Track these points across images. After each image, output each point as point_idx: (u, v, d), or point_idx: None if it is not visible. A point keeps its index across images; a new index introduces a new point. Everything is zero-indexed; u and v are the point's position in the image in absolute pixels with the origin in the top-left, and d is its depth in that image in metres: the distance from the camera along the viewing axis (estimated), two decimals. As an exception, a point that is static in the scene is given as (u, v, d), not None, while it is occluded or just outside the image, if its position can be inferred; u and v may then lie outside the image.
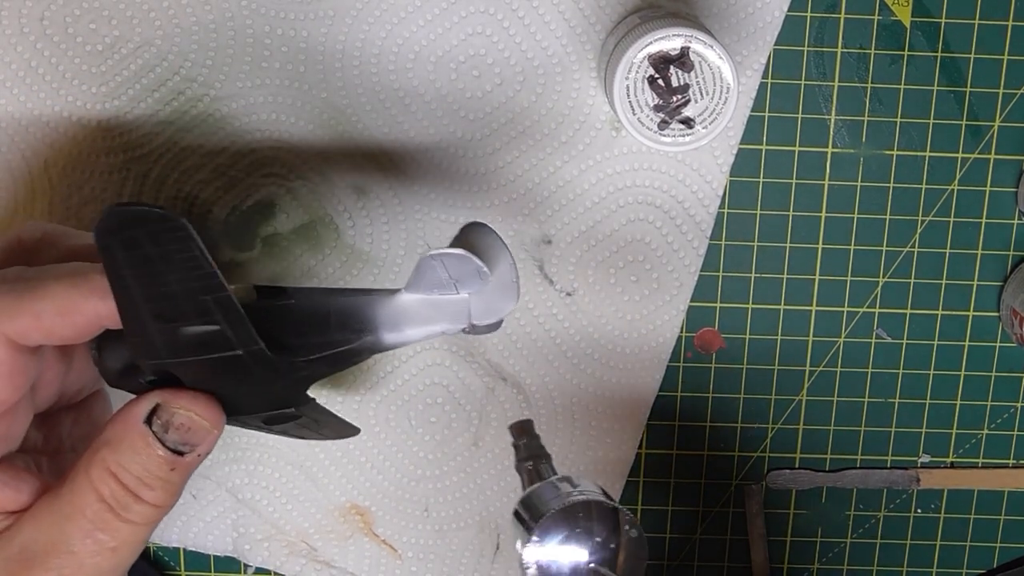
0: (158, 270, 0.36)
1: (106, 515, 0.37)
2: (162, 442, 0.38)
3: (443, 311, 0.40)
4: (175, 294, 0.37)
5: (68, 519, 0.37)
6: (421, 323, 0.40)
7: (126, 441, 0.37)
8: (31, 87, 0.48)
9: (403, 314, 0.40)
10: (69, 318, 0.36)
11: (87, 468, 0.37)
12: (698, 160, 0.50)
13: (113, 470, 0.37)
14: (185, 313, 0.37)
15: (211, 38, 0.48)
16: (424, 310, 0.40)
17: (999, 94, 0.50)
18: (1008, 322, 0.52)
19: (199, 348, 0.38)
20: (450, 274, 0.39)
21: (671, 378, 0.53)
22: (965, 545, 0.56)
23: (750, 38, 0.49)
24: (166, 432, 0.38)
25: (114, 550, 0.37)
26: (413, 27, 0.48)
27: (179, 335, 0.37)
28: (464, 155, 0.50)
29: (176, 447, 0.38)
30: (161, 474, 0.38)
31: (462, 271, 0.39)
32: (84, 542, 0.37)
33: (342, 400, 0.52)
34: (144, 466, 0.37)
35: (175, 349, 0.38)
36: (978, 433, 0.54)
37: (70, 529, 0.37)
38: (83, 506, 0.37)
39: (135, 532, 0.38)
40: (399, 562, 0.54)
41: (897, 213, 0.51)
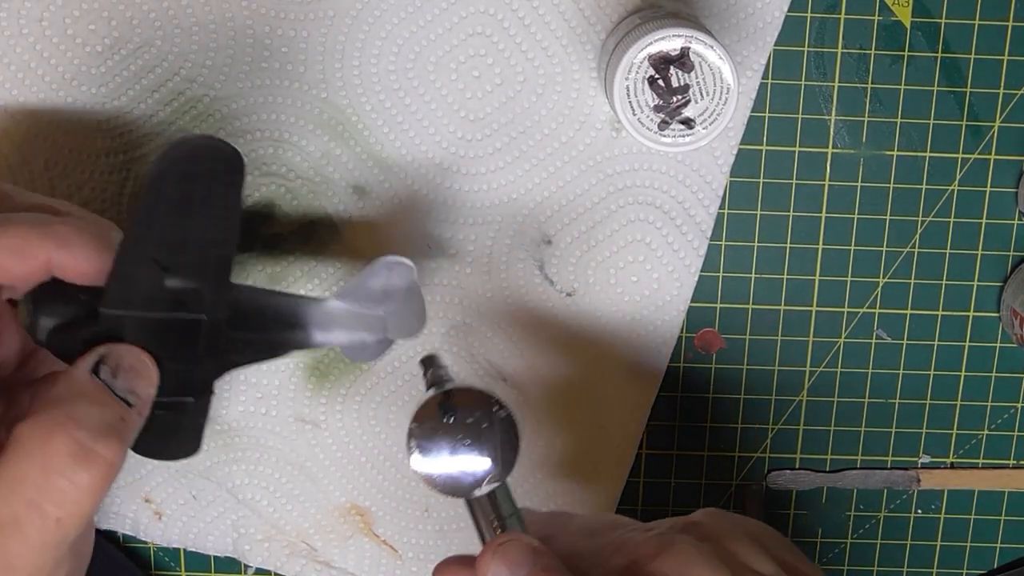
0: (190, 212, 0.38)
1: (52, 482, 0.35)
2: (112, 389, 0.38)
3: (364, 323, 0.45)
4: (187, 241, 0.38)
5: (11, 490, 0.35)
6: (346, 328, 0.45)
7: (77, 393, 0.37)
8: (30, 88, 0.48)
9: (332, 318, 0.44)
10: (23, 258, 0.37)
11: (31, 432, 0.36)
12: (698, 160, 0.50)
13: (64, 424, 0.36)
14: (183, 264, 0.39)
15: (211, 39, 0.48)
16: (349, 318, 0.45)
17: (999, 94, 0.50)
18: (1008, 322, 0.52)
19: (169, 304, 0.39)
20: (387, 282, 0.45)
21: (671, 378, 0.53)
22: (965, 545, 0.56)
23: (750, 38, 0.49)
24: (115, 379, 0.38)
25: (59, 521, 0.35)
26: (413, 27, 0.48)
27: (162, 286, 0.39)
28: (464, 155, 0.50)
29: (124, 395, 0.38)
30: (114, 423, 0.37)
31: (397, 282, 0.45)
32: (28, 513, 0.35)
33: (343, 400, 0.52)
34: (99, 415, 0.37)
35: (147, 301, 0.39)
36: (978, 433, 0.54)
37: (14, 499, 0.35)
38: (27, 474, 0.35)
39: (81, 499, 0.36)
40: (399, 562, 0.54)
41: (897, 213, 0.51)
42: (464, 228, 0.50)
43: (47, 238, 0.37)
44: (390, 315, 0.46)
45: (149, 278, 0.39)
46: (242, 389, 0.52)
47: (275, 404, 0.52)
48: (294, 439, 0.52)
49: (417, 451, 0.39)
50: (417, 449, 0.39)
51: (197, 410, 0.43)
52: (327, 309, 0.45)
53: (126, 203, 0.49)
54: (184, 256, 0.39)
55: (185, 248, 0.39)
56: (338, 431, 0.52)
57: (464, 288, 0.51)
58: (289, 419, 0.52)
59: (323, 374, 0.52)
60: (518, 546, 0.37)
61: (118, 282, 0.38)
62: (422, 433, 0.39)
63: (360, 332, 0.45)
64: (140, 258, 0.38)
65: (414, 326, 0.47)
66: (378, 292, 0.45)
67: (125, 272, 0.38)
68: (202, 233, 0.39)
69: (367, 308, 0.45)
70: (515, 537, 0.38)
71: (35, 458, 0.35)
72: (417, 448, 0.39)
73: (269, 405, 0.52)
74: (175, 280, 0.39)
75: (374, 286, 0.45)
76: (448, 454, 0.39)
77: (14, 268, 0.37)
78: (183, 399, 0.42)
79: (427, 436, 0.39)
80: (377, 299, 0.45)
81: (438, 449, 0.39)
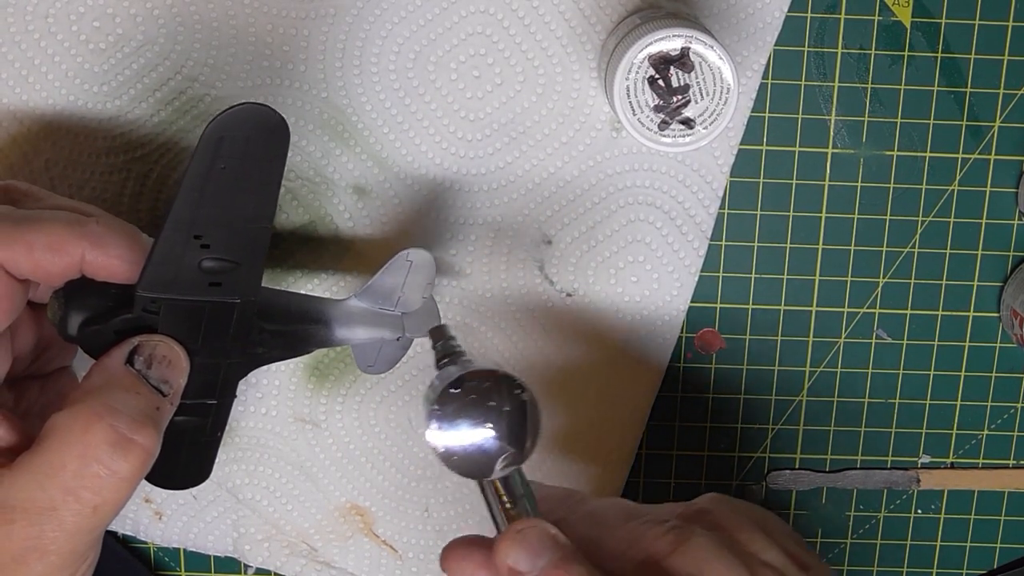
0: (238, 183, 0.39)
1: (90, 470, 0.36)
2: (147, 379, 0.39)
3: (383, 321, 0.47)
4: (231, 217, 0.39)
5: (49, 476, 0.36)
6: (366, 326, 0.46)
7: (113, 383, 0.38)
8: (34, 85, 0.48)
9: (352, 316, 0.46)
10: (58, 255, 0.38)
11: (70, 421, 0.37)
12: (698, 161, 0.50)
13: (102, 413, 0.37)
14: (224, 240, 0.40)
15: (213, 36, 0.48)
16: (368, 316, 0.46)
17: (999, 94, 0.50)
18: (1008, 322, 0.52)
19: (204, 287, 0.40)
20: (407, 277, 0.46)
21: (671, 378, 0.53)
22: (965, 545, 0.56)
23: (750, 39, 0.49)
24: (149, 368, 0.39)
25: (96, 508, 0.37)
26: (413, 27, 0.48)
27: (199, 267, 0.40)
28: (464, 155, 0.50)
29: (158, 384, 0.39)
30: (150, 412, 0.38)
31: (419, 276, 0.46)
32: (66, 499, 0.36)
33: (343, 400, 0.52)
34: (137, 404, 0.38)
35: (183, 283, 0.40)
36: (978, 434, 0.54)
37: (51, 487, 0.36)
38: (65, 462, 0.36)
39: (118, 487, 0.37)
40: (399, 562, 0.54)
41: (897, 213, 0.51)
42: (464, 228, 0.51)
43: (83, 237, 0.38)
44: (407, 316, 0.47)
45: (188, 256, 0.39)
46: (242, 389, 0.52)
47: (275, 404, 0.52)
48: (294, 439, 0.52)
49: (436, 429, 0.38)
50: (437, 428, 0.38)
51: (217, 418, 0.43)
52: (348, 307, 0.46)
53: (126, 203, 0.49)
54: (226, 232, 0.39)
55: (227, 222, 0.39)
56: (338, 431, 0.52)
57: (464, 288, 0.51)
58: (289, 419, 0.52)
59: (323, 374, 0.52)
60: (537, 533, 0.37)
61: (156, 263, 0.39)
62: (443, 412, 0.38)
63: (379, 330, 0.46)
64: (182, 234, 0.39)
65: (430, 322, 0.47)
66: (397, 290, 0.46)
67: (165, 251, 0.39)
68: (245, 208, 0.39)
69: (386, 307, 0.46)
70: (534, 524, 0.37)
71: (74, 447, 0.36)
72: (437, 427, 0.38)
73: (269, 405, 0.52)
74: (212, 260, 0.40)
75: (394, 283, 0.46)
76: (467, 434, 0.38)
77: (50, 265, 0.38)
78: (206, 401, 0.43)
79: (448, 415, 0.38)
80: (395, 298, 0.46)
81: (457, 429, 0.38)
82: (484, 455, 0.38)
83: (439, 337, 0.42)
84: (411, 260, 0.46)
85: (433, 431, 0.38)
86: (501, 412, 0.38)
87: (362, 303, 0.46)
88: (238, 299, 0.41)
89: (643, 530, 0.38)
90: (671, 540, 0.37)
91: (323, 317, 0.45)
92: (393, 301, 0.47)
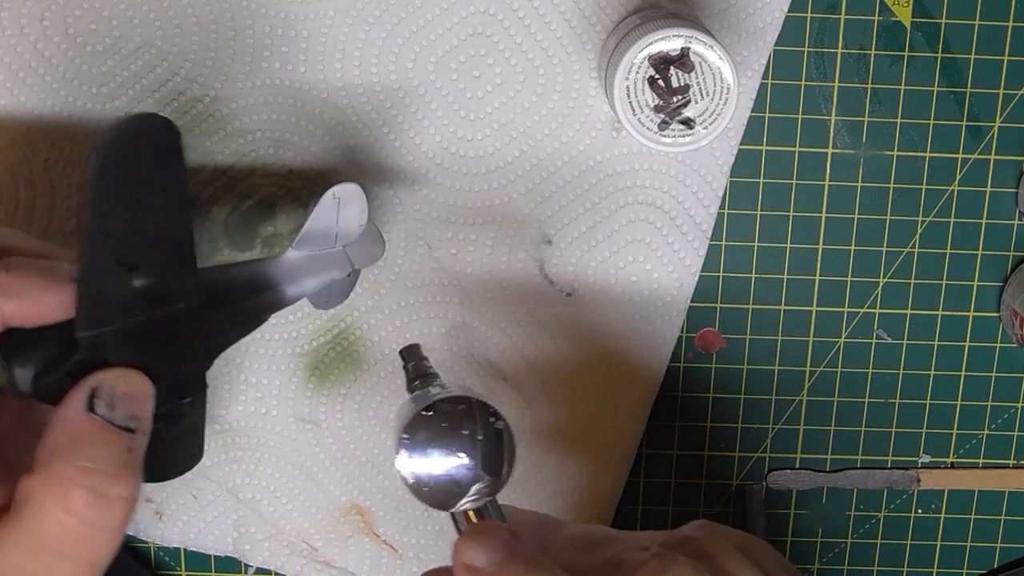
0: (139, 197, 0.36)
1: (78, 531, 0.35)
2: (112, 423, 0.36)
3: (328, 262, 0.45)
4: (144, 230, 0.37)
5: (38, 546, 0.35)
6: (314, 274, 0.45)
7: (79, 438, 0.36)
8: (31, 88, 0.48)
9: (297, 269, 0.44)
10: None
11: (44, 488, 0.35)
12: (698, 161, 0.50)
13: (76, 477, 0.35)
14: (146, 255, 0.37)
15: (211, 38, 0.48)
16: (312, 263, 0.45)
17: (999, 94, 0.50)
18: (1008, 322, 0.52)
19: (143, 305, 0.38)
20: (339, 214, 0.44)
21: (671, 378, 0.53)
22: (965, 545, 0.56)
23: (750, 39, 0.49)
24: (112, 410, 0.37)
25: (91, 563, 0.36)
26: (413, 27, 0.48)
27: (131, 288, 0.37)
28: (464, 155, 0.50)
29: (125, 424, 0.37)
30: (123, 458, 0.36)
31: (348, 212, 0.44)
32: (61, 563, 0.35)
33: (343, 400, 0.52)
34: (107, 456, 0.36)
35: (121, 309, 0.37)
36: (978, 433, 0.54)
37: (42, 554, 0.35)
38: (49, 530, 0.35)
39: (108, 541, 0.36)
40: (399, 562, 0.54)
41: (897, 213, 0.51)
42: (464, 228, 0.50)
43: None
44: (350, 248, 0.46)
45: (117, 284, 0.37)
46: (242, 389, 0.52)
47: (275, 404, 0.52)
48: (294, 439, 0.53)
49: (407, 459, 0.37)
50: (407, 456, 0.37)
51: (195, 410, 0.42)
52: (290, 262, 0.44)
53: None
54: (145, 247, 0.37)
55: (144, 238, 0.37)
56: (338, 431, 0.52)
57: (464, 288, 0.51)
58: (289, 419, 0.52)
59: (323, 374, 0.52)
60: (495, 531, 0.36)
61: (87, 301, 0.37)
62: (412, 440, 0.37)
63: (327, 273, 0.45)
64: (104, 265, 0.37)
65: (376, 251, 0.47)
66: (332, 227, 0.44)
67: (91, 288, 0.37)
68: (157, 217, 0.37)
69: (325, 247, 0.45)
70: (492, 524, 0.37)
71: (55, 515, 0.35)
72: (407, 456, 0.37)
73: (269, 405, 0.52)
74: (142, 277, 0.38)
75: (327, 223, 0.44)
76: (439, 463, 0.37)
77: None
78: (181, 402, 0.41)
79: (419, 444, 0.37)
80: (332, 236, 0.45)
81: (429, 459, 0.37)
82: (456, 485, 0.37)
83: (411, 358, 0.40)
84: (338, 197, 0.44)
85: (403, 459, 0.37)
86: (475, 440, 0.37)
87: (301, 251, 0.44)
88: (181, 304, 0.39)
89: (624, 556, 0.37)
90: (653, 568, 0.36)
91: (269, 282, 0.43)
92: (331, 239, 0.45)
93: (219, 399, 0.52)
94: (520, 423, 0.52)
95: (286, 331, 0.51)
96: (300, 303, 0.51)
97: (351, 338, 0.52)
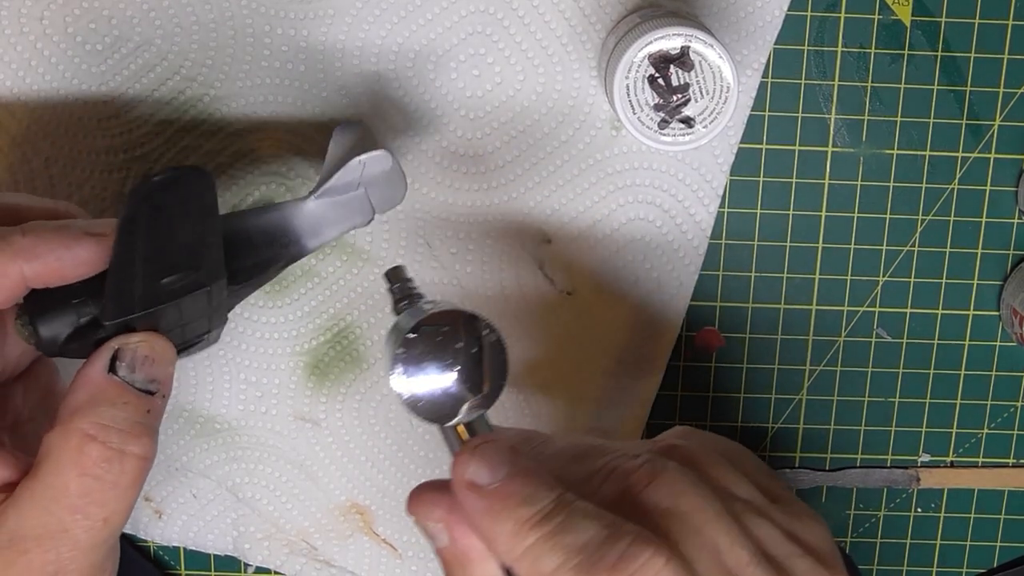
0: (172, 227, 0.37)
1: (93, 486, 0.36)
2: (132, 385, 0.38)
3: (350, 209, 0.44)
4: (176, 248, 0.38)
5: (54, 500, 0.36)
6: (334, 223, 0.44)
7: (99, 397, 0.37)
8: (31, 86, 0.48)
9: (318, 219, 0.44)
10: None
11: (63, 443, 0.36)
12: (698, 159, 0.50)
13: (93, 433, 0.36)
14: (176, 264, 0.38)
15: (211, 37, 0.48)
16: (333, 211, 0.44)
17: (999, 93, 0.50)
18: (1008, 321, 0.52)
19: (171, 294, 0.39)
20: (365, 170, 0.43)
21: (671, 378, 0.53)
22: (965, 544, 0.56)
23: (750, 37, 0.49)
24: (133, 373, 0.38)
25: (106, 520, 0.37)
26: (413, 26, 0.48)
27: (159, 286, 0.38)
28: (464, 154, 0.50)
29: (145, 387, 0.38)
30: (141, 419, 0.37)
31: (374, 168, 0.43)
32: (75, 518, 0.36)
33: (343, 399, 0.52)
34: (125, 416, 0.37)
35: (149, 298, 0.38)
36: (978, 432, 0.54)
37: (58, 509, 0.36)
38: (67, 483, 0.36)
39: (124, 496, 0.37)
40: (399, 561, 0.54)
41: (897, 212, 0.51)
42: (464, 227, 0.50)
43: (15, 255, 0.36)
44: (372, 190, 0.45)
45: (145, 286, 0.38)
46: (242, 388, 0.52)
47: (275, 403, 0.52)
48: (294, 438, 0.53)
49: (402, 374, 0.36)
50: (402, 372, 0.36)
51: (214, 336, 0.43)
52: (311, 212, 0.44)
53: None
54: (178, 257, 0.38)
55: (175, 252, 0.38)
56: (338, 430, 0.52)
57: (464, 288, 0.51)
58: (289, 418, 0.52)
59: (323, 373, 0.52)
60: (496, 446, 0.36)
61: (114, 298, 0.38)
62: (408, 355, 0.36)
63: (348, 220, 0.45)
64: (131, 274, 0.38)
65: (397, 194, 0.45)
66: (356, 181, 0.44)
67: (120, 288, 0.38)
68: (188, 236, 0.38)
69: (348, 192, 0.44)
70: (491, 438, 0.36)
71: (72, 468, 0.36)
72: (402, 371, 0.36)
73: (269, 404, 0.52)
74: (171, 276, 0.39)
75: (352, 178, 0.44)
76: (434, 378, 0.37)
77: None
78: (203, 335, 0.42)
79: (413, 359, 0.36)
80: (355, 181, 0.44)
81: (424, 373, 0.36)
82: (451, 399, 0.37)
83: (396, 279, 0.40)
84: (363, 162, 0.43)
85: (398, 377, 0.36)
86: (468, 354, 0.37)
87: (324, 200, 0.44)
88: (208, 286, 0.40)
89: (615, 464, 0.37)
90: (645, 473, 0.36)
91: (290, 236, 0.43)
92: (354, 184, 0.44)
93: (219, 398, 0.52)
94: (520, 423, 0.52)
95: (286, 330, 0.51)
96: (302, 302, 0.51)
97: (350, 337, 0.52)
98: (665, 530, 0.34)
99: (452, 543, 0.36)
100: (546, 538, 0.34)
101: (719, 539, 0.35)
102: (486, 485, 0.35)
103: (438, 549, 0.37)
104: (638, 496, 0.36)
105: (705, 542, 0.35)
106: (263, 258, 0.43)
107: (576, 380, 0.52)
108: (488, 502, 0.35)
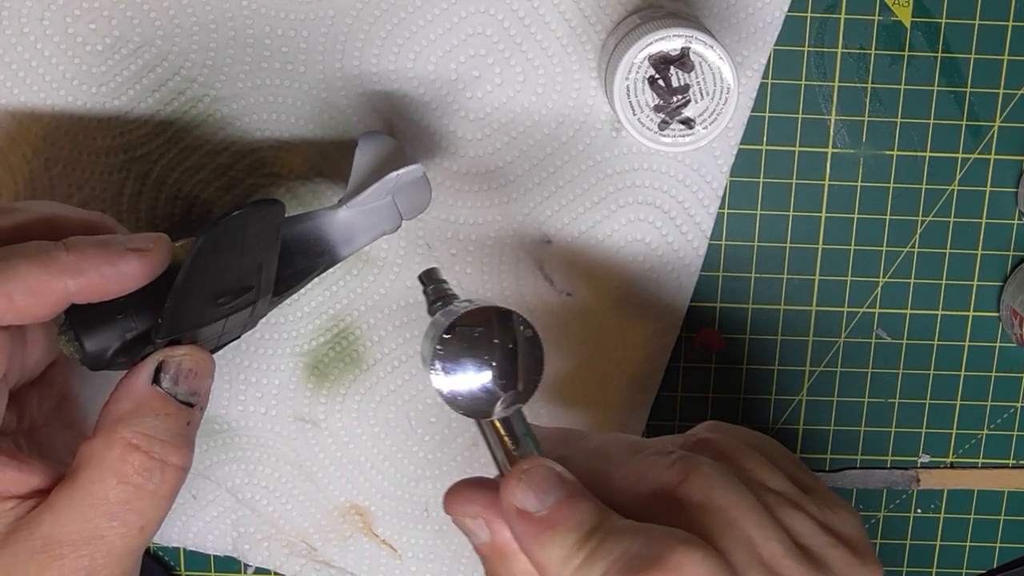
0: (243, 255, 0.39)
1: (132, 494, 0.37)
2: (175, 397, 0.39)
3: (380, 216, 0.46)
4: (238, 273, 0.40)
5: (92, 507, 0.37)
6: (366, 231, 0.46)
7: (143, 408, 0.38)
8: (31, 87, 0.48)
9: (350, 228, 0.45)
10: (41, 297, 0.37)
11: (104, 451, 0.37)
12: (698, 160, 0.50)
13: (136, 443, 0.37)
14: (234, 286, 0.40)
15: (211, 38, 0.48)
16: (364, 220, 0.46)
17: (999, 94, 0.50)
18: (1008, 322, 0.52)
19: (223, 313, 0.40)
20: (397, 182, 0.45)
21: (671, 378, 0.53)
22: (965, 545, 0.56)
23: (750, 38, 0.49)
24: (176, 385, 0.39)
25: (142, 528, 0.38)
26: (413, 27, 0.48)
27: (214, 305, 0.40)
28: (464, 155, 0.50)
29: (186, 399, 0.39)
30: (181, 430, 0.38)
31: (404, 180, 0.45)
32: (111, 525, 0.37)
33: (342, 400, 0.52)
34: (167, 427, 0.38)
35: (203, 317, 0.40)
36: (978, 433, 0.54)
37: (95, 516, 0.37)
38: (107, 490, 0.37)
39: (161, 505, 0.38)
40: (399, 562, 0.54)
41: (897, 213, 0.51)
42: (464, 227, 0.50)
43: (61, 272, 0.37)
44: (399, 198, 0.46)
45: (201, 305, 0.39)
46: (242, 389, 0.52)
47: (275, 404, 0.52)
48: (294, 439, 0.53)
49: (441, 371, 0.37)
50: (441, 368, 0.37)
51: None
52: (344, 221, 0.45)
53: (125, 203, 0.49)
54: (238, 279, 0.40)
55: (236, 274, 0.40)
56: (338, 431, 0.52)
57: (464, 288, 0.51)
58: (289, 419, 0.52)
59: (323, 374, 0.52)
60: (543, 472, 0.37)
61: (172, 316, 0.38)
62: (446, 352, 0.37)
63: (378, 228, 0.46)
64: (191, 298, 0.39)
65: (423, 201, 0.47)
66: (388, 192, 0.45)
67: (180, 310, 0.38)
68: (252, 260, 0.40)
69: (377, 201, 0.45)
70: (539, 462, 0.37)
71: (113, 476, 0.37)
72: (441, 367, 0.37)
73: (269, 405, 0.52)
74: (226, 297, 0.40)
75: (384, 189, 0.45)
76: (472, 373, 0.37)
77: (35, 309, 0.37)
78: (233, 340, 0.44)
79: (451, 355, 0.37)
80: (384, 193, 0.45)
81: (462, 370, 0.37)
82: (488, 394, 0.37)
83: (430, 281, 0.41)
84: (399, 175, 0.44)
85: (438, 374, 0.37)
86: (505, 350, 0.38)
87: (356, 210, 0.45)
88: (256, 300, 0.41)
89: (649, 462, 0.38)
90: (679, 470, 0.37)
91: (325, 247, 0.45)
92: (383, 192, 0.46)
93: (218, 399, 0.52)
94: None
95: (286, 331, 0.51)
96: (302, 302, 0.51)
97: (350, 338, 0.52)
98: (700, 525, 0.35)
99: (491, 538, 0.37)
100: (591, 555, 0.35)
101: (754, 532, 0.35)
102: (535, 512, 0.36)
103: (477, 545, 0.38)
104: (673, 492, 0.36)
105: (740, 535, 0.35)
106: (299, 268, 0.44)
107: (576, 381, 0.52)
108: (537, 528, 0.36)
